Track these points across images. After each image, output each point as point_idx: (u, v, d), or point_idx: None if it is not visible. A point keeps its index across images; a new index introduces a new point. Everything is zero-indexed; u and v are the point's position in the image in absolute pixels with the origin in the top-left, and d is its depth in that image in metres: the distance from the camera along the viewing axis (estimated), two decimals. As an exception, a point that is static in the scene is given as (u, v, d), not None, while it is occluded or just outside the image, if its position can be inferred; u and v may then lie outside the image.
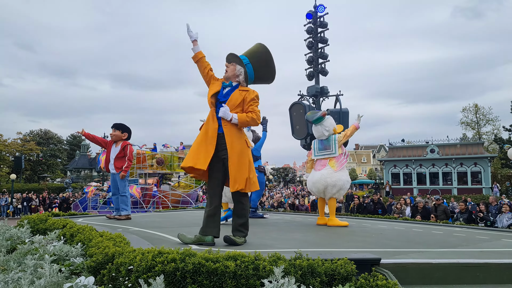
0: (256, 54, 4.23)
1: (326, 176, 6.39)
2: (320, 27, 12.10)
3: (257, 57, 4.23)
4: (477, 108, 44.25)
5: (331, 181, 6.34)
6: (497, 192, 26.37)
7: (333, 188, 6.35)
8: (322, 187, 6.42)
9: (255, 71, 4.22)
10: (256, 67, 4.23)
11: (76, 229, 4.41)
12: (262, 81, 4.39)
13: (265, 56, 4.23)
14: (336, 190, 6.37)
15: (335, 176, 6.35)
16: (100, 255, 2.95)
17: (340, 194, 6.48)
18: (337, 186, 6.33)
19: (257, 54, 4.23)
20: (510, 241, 5.04)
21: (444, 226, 7.03)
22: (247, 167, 4.01)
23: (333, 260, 2.80)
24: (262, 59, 4.23)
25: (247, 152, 4.09)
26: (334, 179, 6.33)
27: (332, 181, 6.33)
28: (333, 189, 6.36)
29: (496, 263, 3.39)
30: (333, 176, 6.36)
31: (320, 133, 6.64)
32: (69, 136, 66.75)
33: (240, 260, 2.64)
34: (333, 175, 6.36)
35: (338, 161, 6.49)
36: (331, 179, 6.34)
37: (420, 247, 4.26)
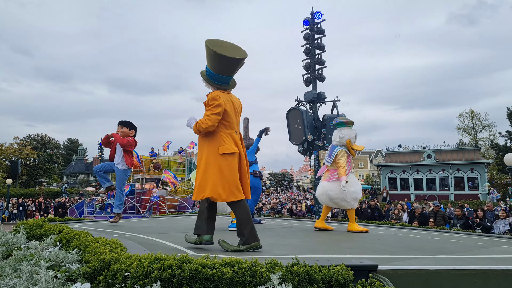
0: (206, 54, 4.15)
1: (327, 190, 6.38)
2: (317, 34, 12.18)
3: (207, 56, 4.14)
4: (473, 114, 44.51)
5: (334, 195, 6.29)
6: (494, 198, 26.45)
7: (343, 202, 6.35)
8: (325, 200, 6.48)
9: (212, 68, 4.13)
10: (211, 64, 4.14)
11: (72, 234, 4.39)
12: (230, 66, 4.15)
13: (208, 50, 4.07)
14: (346, 203, 6.37)
15: (336, 189, 6.27)
16: (97, 261, 2.93)
17: (350, 204, 6.39)
18: (345, 199, 6.30)
19: (206, 53, 4.14)
20: (507, 247, 5.04)
21: (441, 232, 7.03)
22: (199, 175, 4.04)
23: (330, 266, 2.79)
24: (209, 54, 4.09)
25: (206, 160, 4.01)
26: (336, 193, 6.28)
27: (336, 195, 6.28)
28: (345, 203, 6.37)
29: (493, 270, 3.39)
30: (333, 190, 6.30)
31: (333, 137, 6.57)
32: (66, 141, 66.63)
33: (237, 267, 2.64)
34: (334, 189, 6.30)
35: (330, 173, 6.45)
36: (333, 193, 6.30)
37: (417, 253, 4.26)
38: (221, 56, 3.99)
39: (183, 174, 21.54)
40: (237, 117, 4.26)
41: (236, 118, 4.23)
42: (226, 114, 4.05)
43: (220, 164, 3.95)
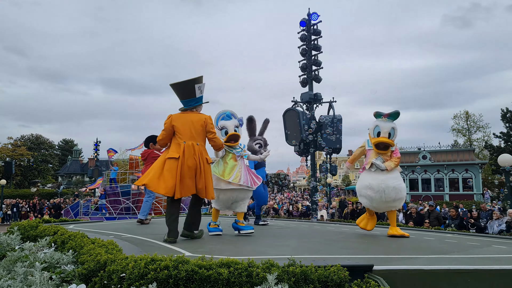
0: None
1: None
2: (314, 35, 12.21)
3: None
4: (467, 115, 44.76)
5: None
6: (488, 198, 26.62)
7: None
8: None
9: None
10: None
11: (67, 236, 4.37)
12: (178, 93, 5.30)
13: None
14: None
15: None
16: (92, 263, 2.92)
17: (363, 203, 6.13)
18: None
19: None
20: (501, 247, 5.09)
21: (436, 232, 7.07)
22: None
23: (326, 266, 2.81)
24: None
25: (159, 159, 5.17)
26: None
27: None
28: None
29: (487, 269, 3.43)
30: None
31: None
32: (61, 141, 66.23)
33: (233, 267, 2.64)
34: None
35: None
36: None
37: (412, 253, 4.29)
38: (171, 86, 5.26)
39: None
40: (192, 130, 5.07)
41: (190, 131, 5.06)
42: (176, 129, 5.07)
43: (164, 164, 4.91)
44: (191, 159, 4.92)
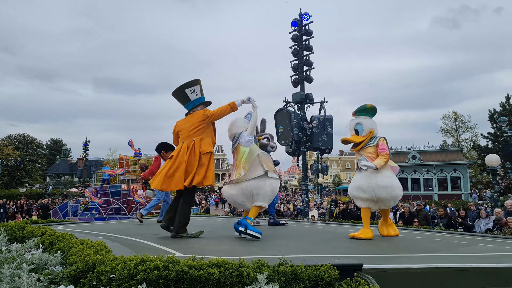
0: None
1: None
2: (305, 35, 12.25)
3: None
4: (456, 116, 45.37)
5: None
6: (476, 197, 26.99)
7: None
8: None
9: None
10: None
11: (55, 236, 4.32)
12: (178, 99, 5.80)
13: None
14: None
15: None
16: (81, 264, 2.89)
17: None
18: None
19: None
20: (487, 246, 5.16)
21: (425, 232, 7.15)
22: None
23: (317, 266, 2.82)
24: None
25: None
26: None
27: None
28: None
29: (474, 268, 3.48)
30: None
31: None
32: (49, 141, 65.44)
33: (224, 267, 2.64)
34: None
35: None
36: None
37: (401, 252, 4.33)
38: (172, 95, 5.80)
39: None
40: (189, 130, 5.45)
41: (188, 132, 5.46)
42: (180, 133, 5.60)
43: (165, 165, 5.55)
44: (183, 156, 5.31)
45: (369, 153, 5.72)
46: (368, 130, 5.77)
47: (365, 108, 5.89)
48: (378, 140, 5.77)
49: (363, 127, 5.77)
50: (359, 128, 5.78)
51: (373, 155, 5.68)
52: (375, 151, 5.70)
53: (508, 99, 35.84)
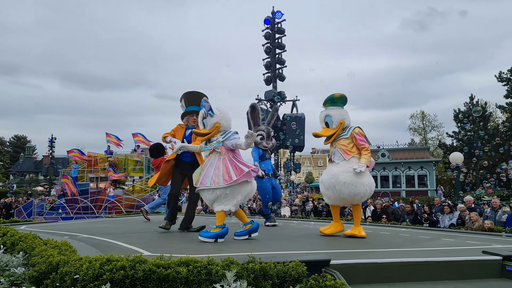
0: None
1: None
2: (278, 33, 12.31)
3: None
4: (423, 115, 46.87)
5: None
6: (441, 194, 28.04)
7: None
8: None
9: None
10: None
11: (18, 237, 4.16)
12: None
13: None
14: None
15: None
16: (43, 265, 2.80)
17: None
18: None
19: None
20: (449, 240, 5.39)
21: (392, 227, 7.37)
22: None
23: (285, 262, 2.85)
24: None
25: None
26: None
27: None
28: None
29: (436, 261, 3.62)
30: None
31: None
32: (13, 137, 62.77)
33: (192, 266, 2.63)
34: None
35: None
36: None
37: (368, 247, 4.45)
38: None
39: (141, 173, 20.96)
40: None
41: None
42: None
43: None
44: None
45: (342, 145, 5.39)
46: (338, 121, 5.41)
47: (332, 98, 5.53)
48: (352, 131, 5.41)
49: (332, 119, 5.43)
50: (329, 120, 5.46)
51: (346, 147, 5.35)
52: (349, 143, 5.37)
53: (472, 99, 37.42)
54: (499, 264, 3.61)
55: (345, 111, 5.55)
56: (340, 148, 5.38)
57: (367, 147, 5.38)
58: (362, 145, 5.33)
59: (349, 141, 5.38)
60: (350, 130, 5.43)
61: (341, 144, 5.40)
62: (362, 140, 5.37)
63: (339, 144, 5.40)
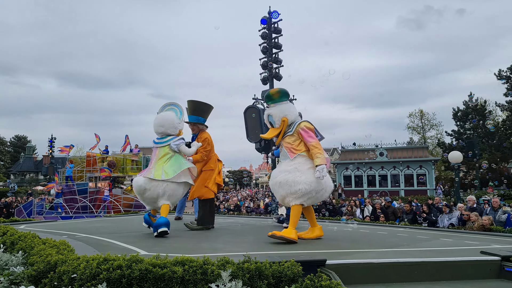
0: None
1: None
2: (274, 33, 12.34)
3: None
4: (422, 113, 46.86)
5: None
6: (441, 193, 28.07)
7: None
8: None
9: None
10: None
11: (17, 236, 4.19)
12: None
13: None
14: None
15: None
16: (42, 264, 2.83)
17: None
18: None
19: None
20: (447, 240, 5.41)
21: (389, 227, 7.40)
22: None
23: (281, 262, 2.88)
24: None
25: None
26: None
27: None
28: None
29: (432, 262, 3.64)
30: None
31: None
32: (13, 137, 62.75)
33: (188, 265, 2.65)
34: None
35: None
36: None
37: (364, 247, 4.47)
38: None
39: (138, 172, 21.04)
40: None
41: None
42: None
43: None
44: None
45: (287, 143, 4.96)
46: (279, 119, 4.97)
47: (269, 95, 5.10)
48: (297, 126, 4.94)
49: (274, 118, 5.01)
50: (271, 120, 5.04)
51: (292, 145, 4.91)
52: (294, 140, 4.91)
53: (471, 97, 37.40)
54: (497, 264, 3.61)
55: (288, 107, 5.09)
56: (286, 146, 4.97)
57: (315, 143, 4.82)
58: (310, 141, 4.81)
59: (295, 138, 4.92)
60: (295, 126, 4.96)
61: (286, 142, 4.98)
62: (310, 135, 4.86)
63: (285, 143, 4.99)
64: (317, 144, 4.82)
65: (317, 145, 4.80)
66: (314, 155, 4.76)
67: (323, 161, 4.72)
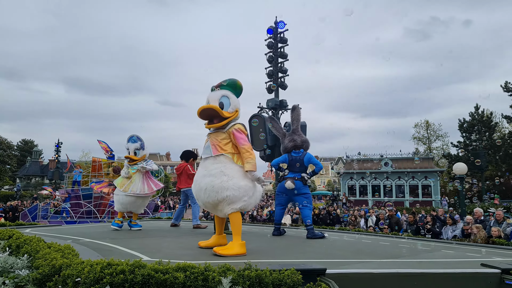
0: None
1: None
2: (280, 43, 12.47)
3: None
4: (428, 124, 46.68)
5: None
6: (446, 204, 27.85)
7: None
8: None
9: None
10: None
11: (22, 240, 4.26)
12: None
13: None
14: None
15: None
16: (47, 267, 2.89)
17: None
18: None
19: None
20: (449, 252, 5.40)
21: (392, 238, 7.38)
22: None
23: (281, 270, 2.92)
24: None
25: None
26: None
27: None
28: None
29: (432, 273, 3.66)
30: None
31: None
32: (20, 142, 63.35)
33: (189, 271, 2.70)
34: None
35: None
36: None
37: (365, 257, 4.49)
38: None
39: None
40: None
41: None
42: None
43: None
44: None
45: (215, 139, 4.56)
46: (234, 107, 4.62)
47: (235, 83, 4.73)
48: (233, 127, 4.56)
49: (230, 101, 4.59)
50: (225, 102, 4.57)
51: (220, 142, 4.52)
52: (224, 138, 4.52)
53: (477, 109, 37.25)
54: (497, 277, 3.61)
55: (239, 102, 4.79)
56: (212, 142, 4.56)
57: (248, 147, 4.51)
58: (243, 144, 4.48)
59: (225, 136, 4.54)
60: (230, 125, 4.59)
61: (214, 138, 4.57)
62: (243, 138, 4.53)
63: (213, 137, 4.57)
64: (250, 149, 4.51)
65: (250, 150, 4.49)
66: (245, 159, 4.43)
67: (253, 167, 4.43)
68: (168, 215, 18.70)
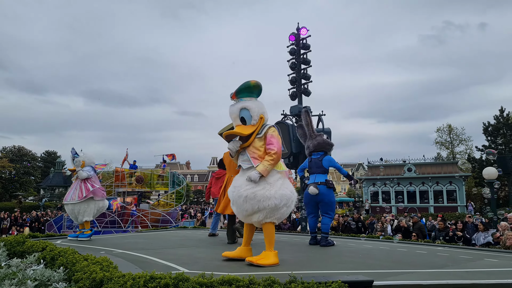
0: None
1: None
2: (303, 49, 12.35)
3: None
4: (450, 128, 45.61)
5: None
6: (472, 210, 27.02)
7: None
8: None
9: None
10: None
11: (57, 252, 4.23)
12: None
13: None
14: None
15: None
16: (87, 281, 2.83)
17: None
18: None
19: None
20: (492, 261, 5.14)
21: (426, 245, 7.11)
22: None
23: (327, 283, 2.78)
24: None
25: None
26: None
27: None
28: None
29: (484, 284, 3.45)
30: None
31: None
32: (44, 153, 64.89)
33: (235, 285, 2.59)
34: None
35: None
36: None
37: (408, 268, 4.29)
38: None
39: (166, 187, 21.19)
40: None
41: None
42: None
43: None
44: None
45: (255, 148, 4.25)
46: (258, 115, 4.24)
47: (248, 85, 4.30)
48: (267, 129, 4.29)
49: (251, 113, 4.23)
50: (246, 115, 4.23)
51: (260, 151, 4.24)
52: (262, 145, 4.25)
53: (502, 112, 36.22)
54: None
55: (263, 104, 4.41)
56: (252, 152, 4.24)
57: (273, 152, 4.17)
58: (271, 149, 4.17)
59: (263, 143, 4.24)
60: (265, 128, 4.30)
61: (253, 146, 4.25)
62: (272, 143, 4.20)
63: (250, 150, 4.25)
64: (275, 154, 4.16)
65: (273, 155, 4.15)
66: (264, 160, 4.15)
67: (263, 169, 4.09)
68: (191, 224, 18.69)
